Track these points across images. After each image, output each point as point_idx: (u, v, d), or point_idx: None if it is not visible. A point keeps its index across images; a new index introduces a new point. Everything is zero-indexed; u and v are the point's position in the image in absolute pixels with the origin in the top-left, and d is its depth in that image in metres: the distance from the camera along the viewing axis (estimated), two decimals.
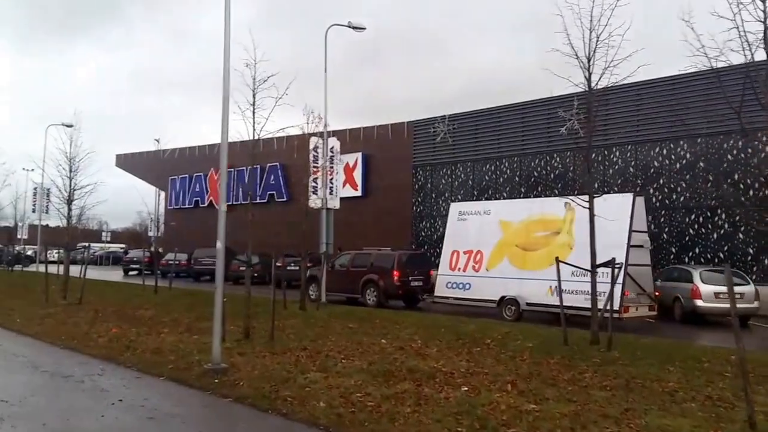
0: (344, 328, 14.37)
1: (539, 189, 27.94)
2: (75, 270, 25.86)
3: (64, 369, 9.19)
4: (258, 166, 43.03)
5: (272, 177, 41.89)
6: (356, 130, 36.16)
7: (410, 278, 21.50)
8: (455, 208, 21.26)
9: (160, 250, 50.80)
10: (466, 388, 8.19)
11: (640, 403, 7.74)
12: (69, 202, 18.24)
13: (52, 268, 46.04)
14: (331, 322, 15.29)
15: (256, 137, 12.68)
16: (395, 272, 21.14)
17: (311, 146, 21.24)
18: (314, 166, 21.15)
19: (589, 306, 15.92)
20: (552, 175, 27.64)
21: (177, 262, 35.05)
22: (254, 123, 12.48)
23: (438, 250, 24.20)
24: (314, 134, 20.54)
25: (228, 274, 33.98)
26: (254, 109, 12.38)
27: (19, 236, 47.29)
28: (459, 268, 19.71)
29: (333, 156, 22.71)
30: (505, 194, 29.01)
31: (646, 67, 11.96)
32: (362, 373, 8.98)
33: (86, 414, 6.93)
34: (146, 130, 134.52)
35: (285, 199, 40.83)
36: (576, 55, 12.15)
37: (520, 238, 18.46)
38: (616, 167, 25.90)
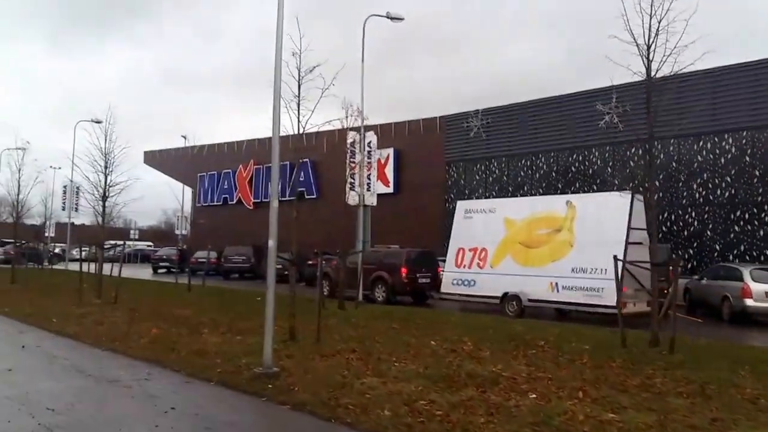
0: (387, 328, 13.92)
1: (577, 185, 27.30)
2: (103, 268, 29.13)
3: (109, 372, 8.84)
4: (287, 162, 42.82)
5: (302, 174, 41.53)
6: (387, 125, 35.68)
7: (418, 275, 21.95)
8: (461, 206, 21.53)
9: (185, 247, 50.85)
10: (534, 396, 7.69)
11: (724, 412, 7.19)
12: (104, 199, 17.93)
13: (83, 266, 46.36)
14: (372, 323, 14.86)
15: (301, 130, 12.21)
16: (403, 269, 21.61)
17: (349, 141, 20.82)
18: (352, 162, 20.72)
19: (589, 302, 16.80)
20: (590, 171, 26.98)
21: (207, 260, 34.81)
22: (299, 115, 12.02)
23: None
24: (352, 129, 20.10)
25: (258, 272, 33.87)
26: (299, 100, 11.92)
27: (46, 234, 47.44)
28: (464, 265, 20.03)
29: (370, 151, 22.26)
30: (541, 190, 28.40)
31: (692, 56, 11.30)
32: (420, 378, 8.51)
33: (139, 423, 6.54)
34: (173, 127, 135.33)
35: (315, 197, 40.53)
36: (635, 41, 11.55)
37: (523, 236, 18.77)
38: (658, 161, 25.12)
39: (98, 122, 38.47)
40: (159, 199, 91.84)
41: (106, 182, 17.80)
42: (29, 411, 6.75)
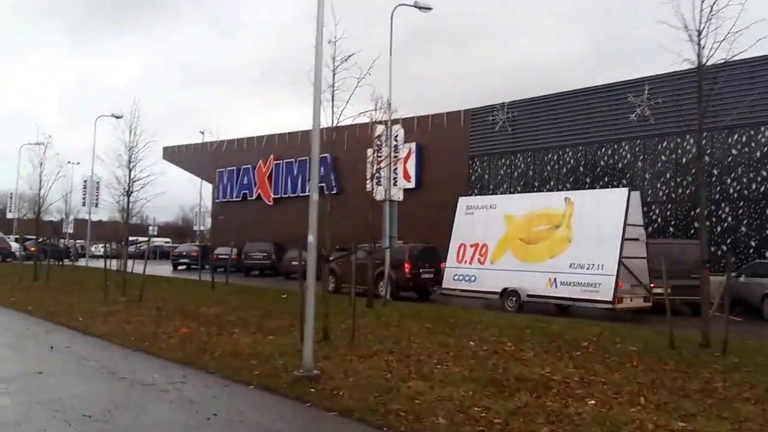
0: (420, 328, 13.52)
1: (606, 179, 26.68)
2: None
3: (142, 375, 8.48)
4: (307, 157, 42.47)
5: (321, 168, 41.12)
6: (409, 119, 34.97)
7: (421, 271, 22.24)
8: (463, 202, 21.64)
9: (204, 243, 50.67)
10: (593, 402, 7.23)
11: None
12: (128, 194, 17.61)
13: (100, 263, 46.34)
14: (404, 322, 14.47)
15: (335, 122, 11.82)
16: (407, 265, 21.97)
17: (376, 134, 20.38)
18: (378, 156, 20.28)
19: (586, 298, 16.91)
20: (620, 165, 26.35)
21: (227, 257, 34.49)
22: (333, 106, 11.64)
23: None
24: (379, 122, 19.66)
25: (279, 268, 33.52)
26: (333, 90, 11.53)
27: (64, 230, 47.48)
28: (465, 261, 20.24)
29: (397, 145, 21.82)
30: (568, 185, 27.80)
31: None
32: (468, 382, 8.09)
33: None
34: (191, 123, 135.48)
35: (335, 192, 40.06)
36: (685, 27, 11.02)
37: (522, 232, 18.97)
38: (689, 156, 24.47)
39: (118, 117, 38.37)
40: (176, 195, 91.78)
41: (130, 177, 17.49)
42: (65, 418, 6.40)
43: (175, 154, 52.67)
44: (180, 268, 42.01)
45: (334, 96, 11.69)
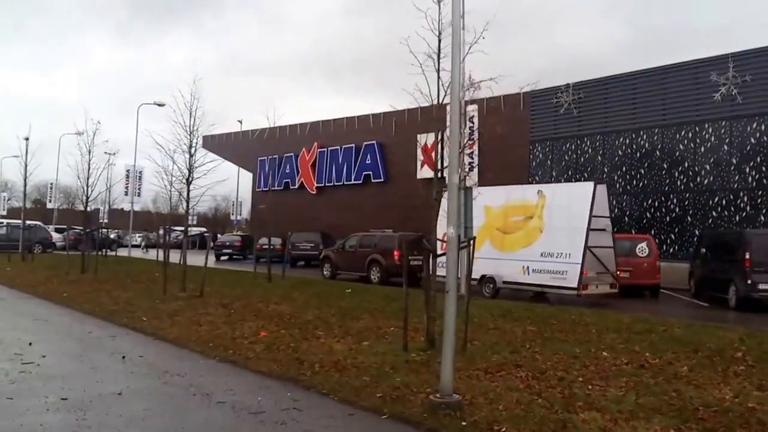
0: (524, 331, 11.96)
1: (686, 165, 24.76)
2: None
3: (243, 398, 7.02)
4: (353, 144, 40.90)
5: (368, 156, 39.67)
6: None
7: (410, 258, 21.83)
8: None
9: (239, 233, 49.55)
10: None
11: None
12: (188, 182, 16.19)
13: (137, 253, 45.28)
14: (500, 323, 12.94)
15: (442, 96, 10.25)
16: (396, 252, 22.99)
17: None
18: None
19: (555, 284, 17.84)
20: (702, 149, 24.39)
21: (272, 247, 33.16)
22: (438, 76, 10.05)
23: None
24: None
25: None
26: (439, 57, 9.94)
27: (100, 220, 46.58)
28: None
29: (473, 127, 20.20)
30: (642, 170, 25.97)
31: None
32: (653, 414, 6.45)
33: None
34: (231, 114, 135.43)
35: (382, 180, 38.63)
36: None
37: (499, 222, 19.72)
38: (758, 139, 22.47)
39: (161, 105, 37.18)
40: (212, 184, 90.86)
41: (191, 163, 16.06)
42: None
43: (216, 143, 51.47)
44: (222, 258, 40.91)
45: (440, 65, 10.06)
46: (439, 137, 15.87)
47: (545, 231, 18.32)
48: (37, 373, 8.03)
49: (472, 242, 17.28)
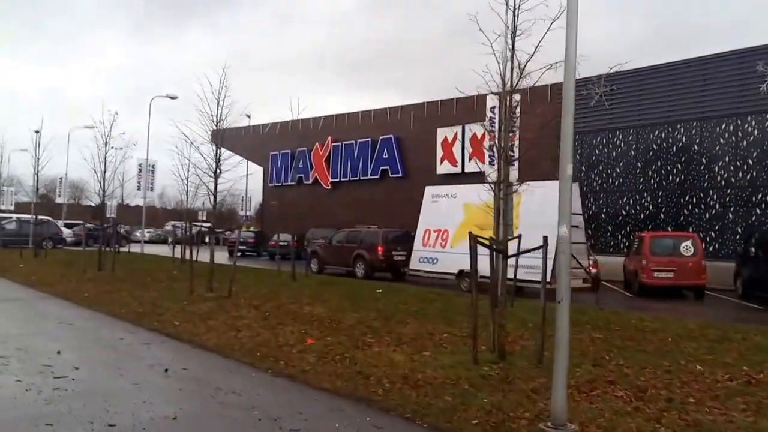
0: (591, 339, 11.00)
1: (726, 159, 23.73)
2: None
3: (321, 427, 6.03)
4: (369, 138, 39.85)
5: (385, 151, 38.65)
6: (481, 96, 32.36)
7: (393, 253, 24.48)
8: (429, 191, 23.52)
9: (252, 230, 48.56)
10: None
11: None
12: (216, 175, 15.23)
13: (151, 249, 44.37)
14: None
15: (515, 77, 9.31)
16: (380, 248, 24.27)
17: (488, 106, 17.76)
18: (491, 131, 17.64)
19: (527, 278, 17.43)
20: (744, 142, 23.35)
21: (286, 243, 32.14)
22: (513, 55, 9.10)
23: (589, 230, 24.19)
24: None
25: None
26: (514, 36, 8.98)
27: (107, 215, 45.64)
28: (429, 245, 22.24)
29: (514, 117, 19.11)
30: (679, 165, 24.94)
31: None
32: None
33: None
34: (243, 110, 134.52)
35: (399, 175, 37.65)
36: None
37: (479, 219, 19.18)
38: None
39: (173, 98, 36.23)
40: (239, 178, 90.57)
41: (218, 155, 15.09)
42: None
43: (225, 137, 50.58)
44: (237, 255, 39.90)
45: (515, 43, 9.09)
46: (496, 128, 14.90)
47: (520, 227, 17.96)
48: (74, 390, 7.08)
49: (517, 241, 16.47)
